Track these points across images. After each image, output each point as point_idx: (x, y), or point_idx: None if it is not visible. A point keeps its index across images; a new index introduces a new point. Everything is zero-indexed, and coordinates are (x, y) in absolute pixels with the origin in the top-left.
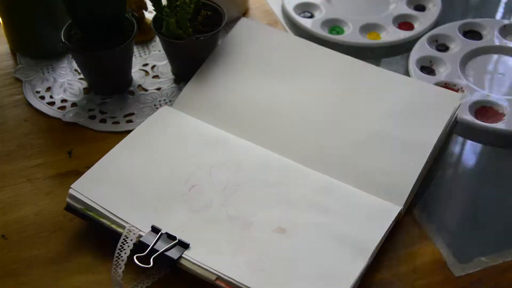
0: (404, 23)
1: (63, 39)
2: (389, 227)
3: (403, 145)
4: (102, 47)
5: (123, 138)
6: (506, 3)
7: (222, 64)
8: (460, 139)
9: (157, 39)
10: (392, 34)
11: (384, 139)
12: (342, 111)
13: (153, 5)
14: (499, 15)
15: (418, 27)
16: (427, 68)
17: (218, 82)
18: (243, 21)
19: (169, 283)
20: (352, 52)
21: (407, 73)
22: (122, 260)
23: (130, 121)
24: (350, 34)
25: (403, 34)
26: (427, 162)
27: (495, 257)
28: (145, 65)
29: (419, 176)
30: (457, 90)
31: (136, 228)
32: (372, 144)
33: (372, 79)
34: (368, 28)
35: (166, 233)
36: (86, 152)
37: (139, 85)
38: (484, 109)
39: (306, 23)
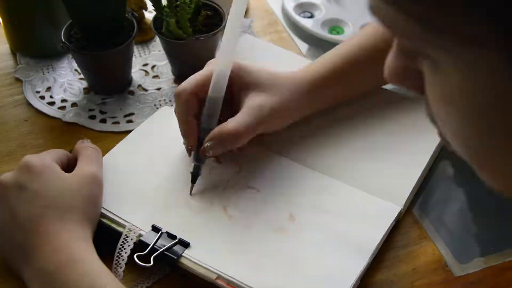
0: None
1: (63, 39)
2: (389, 227)
3: (404, 148)
4: (102, 47)
5: (123, 138)
6: None
7: None
8: None
9: (157, 39)
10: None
11: (386, 143)
12: (340, 115)
13: (153, 5)
14: None
15: None
16: None
17: None
18: (244, 36)
19: (170, 284)
20: None
21: None
22: (123, 260)
23: (130, 121)
24: (350, 34)
25: None
26: (428, 163)
27: (495, 257)
28: (145, 65)
29: (419, 176)
30: None
31: (137, 227)
32: (373, 146)
33: (373, 98)
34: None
35: (167, 232)
36: None
37: (139, 85)
38: None
39: (306, 23)
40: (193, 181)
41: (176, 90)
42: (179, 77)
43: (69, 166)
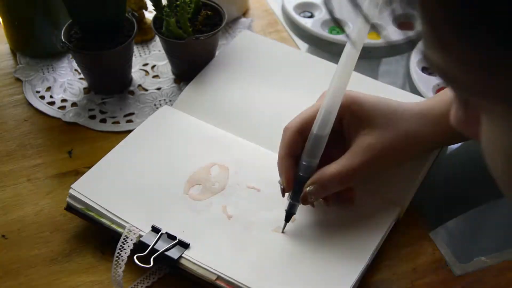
0: (404, 22)
1: (63, 39)
2: (389, 227)
3: None
4: (102, 47)
5: (123, 138)
6: None
7: (222, 70)
8: None
9: (157, 39)
10: (392, 34)
11: None
12: None
13: (153, 5)
14: None
15: (418, 26)
16: (428, 69)
17: (218, 84)
18: (244, 33)
19: (169, 283)
20: None
21: (408, 73)
22: (122, 260)
23: (130, 121)
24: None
25: (403, 34)
26: (428, 163)
27: (495, 257)
28: (145, 65)
29: (419, 176)
30: None
31: (136, 228)
32: None
33: (371, 91)
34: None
35: (166, 233)
36: (86, 152)
37: (139, 85)
38: None
39: (306, 22)
40: (287, 219)
41: (285, 126)
42: (179, 77)
43: None
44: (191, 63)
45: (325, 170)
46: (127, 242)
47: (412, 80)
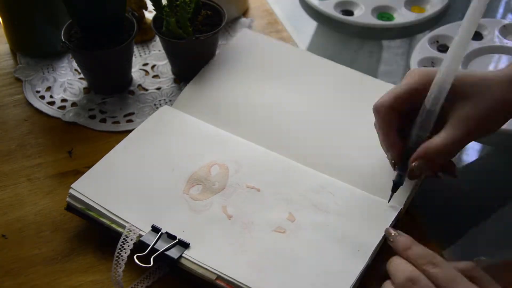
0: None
1: (63, 39)
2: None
3: None
4: (102, 47)
5: (123, 138)
6: (506, 3)
7: (222, 68)
8: None
9: (157, 38)
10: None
11: None
12: (341, 115)
13: (153, 5)
14: (499, 15)
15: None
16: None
17: (218, 83)
18: (244, 31)
19: (169, 283)
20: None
21: None
22: (123, 260)
23: (130, 120)
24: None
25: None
26: None
27: (495, 257)
28: (145, 64)
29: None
30: None
31: (136, 227)
32: (372, 145)
33: (370, 89)
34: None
35: (166, 232)
36: (86, 152)
37: (139, 85)
38: None
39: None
40: (394, 190)
41: (374, 105)
42: (179, 77)
43: None
44: (191, 63)
45: (429, 144)
46: (127, 242)
47: None
